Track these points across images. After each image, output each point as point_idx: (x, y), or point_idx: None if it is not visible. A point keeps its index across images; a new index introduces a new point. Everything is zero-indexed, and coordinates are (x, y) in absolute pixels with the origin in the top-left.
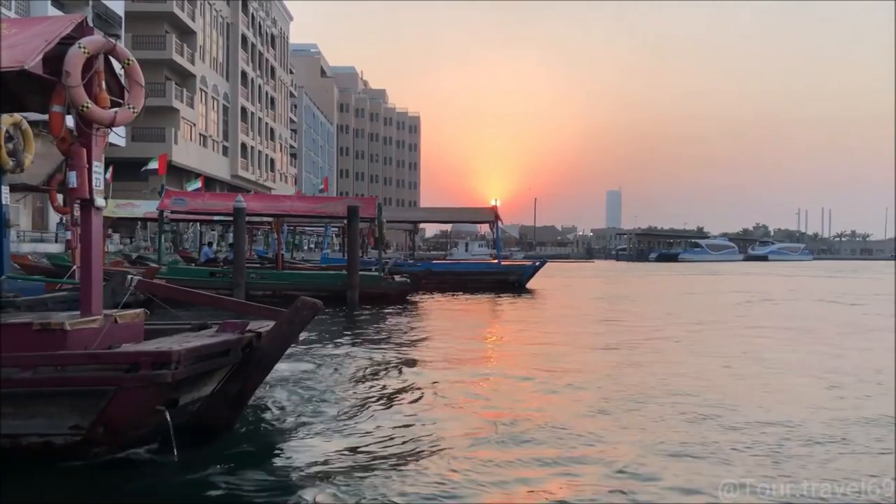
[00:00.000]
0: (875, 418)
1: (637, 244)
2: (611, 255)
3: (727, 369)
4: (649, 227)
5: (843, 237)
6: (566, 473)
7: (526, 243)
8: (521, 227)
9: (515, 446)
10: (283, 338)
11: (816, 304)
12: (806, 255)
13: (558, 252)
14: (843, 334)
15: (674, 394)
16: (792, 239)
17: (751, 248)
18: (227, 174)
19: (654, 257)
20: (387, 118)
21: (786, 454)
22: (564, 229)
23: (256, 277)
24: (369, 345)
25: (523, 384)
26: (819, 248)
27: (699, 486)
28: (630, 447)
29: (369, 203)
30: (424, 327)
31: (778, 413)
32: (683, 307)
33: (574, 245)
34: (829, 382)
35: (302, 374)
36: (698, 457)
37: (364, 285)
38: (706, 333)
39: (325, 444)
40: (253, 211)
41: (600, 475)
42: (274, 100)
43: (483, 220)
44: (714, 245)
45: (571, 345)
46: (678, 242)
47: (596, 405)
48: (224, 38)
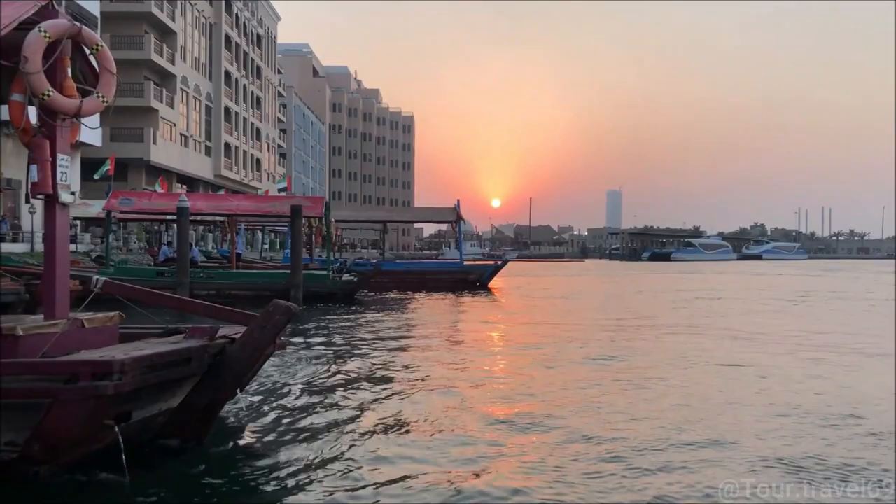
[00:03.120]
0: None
1: (630, 243)
2: (605, 254)
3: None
4: (645, 227)
5: (840, 236)
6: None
7: (522, 243)
8: (516, 226)
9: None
10: (255, 345)
11: (755, 303)
12: (801, 255)
13: (553, 251)
14: (734, 335)
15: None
16: (788, 238)
17: (745, 248)
18: (210, 174)
19: (647, 256)
20: (380, 118)
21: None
22: (561, 229)
23: (204, 277)
24: (324, 346)
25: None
26: (816, 248)
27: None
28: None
29: (316, 202)
30: (355, 326)
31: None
32: (620, 306)
33: (569, 244)
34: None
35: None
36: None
37: (309, 284)
38: (610, 333)
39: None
40: (198, 210)
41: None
42: (260, 100)
43: (445, 220)
44: (707, 244)
45: (472, 345)
46: (671, 242)
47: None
48: (206, 39)
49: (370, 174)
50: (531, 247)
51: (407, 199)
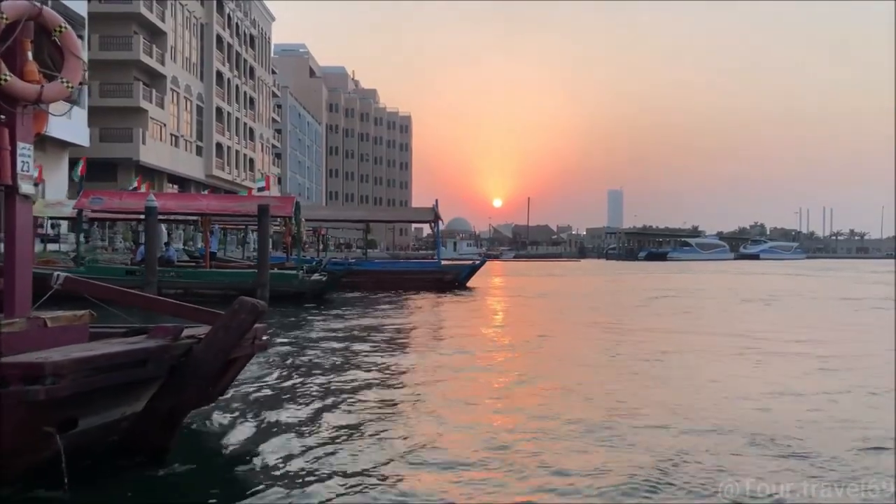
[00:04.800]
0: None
1: (627, 243)
2: (603, 254)
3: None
4: (644, 227)
5: (839, 236)
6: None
7: (520, 242)
8: (514, 226)
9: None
10: (220, 345)
11: (725, 302)
12: (799, 254)
13: (550, 251)
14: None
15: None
16: (788, 238)
17: (742, 247)
18: (202, 174)
19: (643, 256)
20: (377, 118)
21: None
22: (560, 228)
23: (174, 276)
24: (294, 346)
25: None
26: (815, 247)
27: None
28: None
29: (286, 202)
30: (320, 327)
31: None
32: (585, 306)
33: (567, 244)
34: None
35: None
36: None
37: (276, 284)
38: (564, 330)
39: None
40: (167, 210)
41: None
42: (253, 100)
43: (423, 220)
44: (704, 244)
45: (428, 345)
46: (668, 241)
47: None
48: (197, 39)
49: (367, 174)
50: (529, 247)
51: (404, 198)
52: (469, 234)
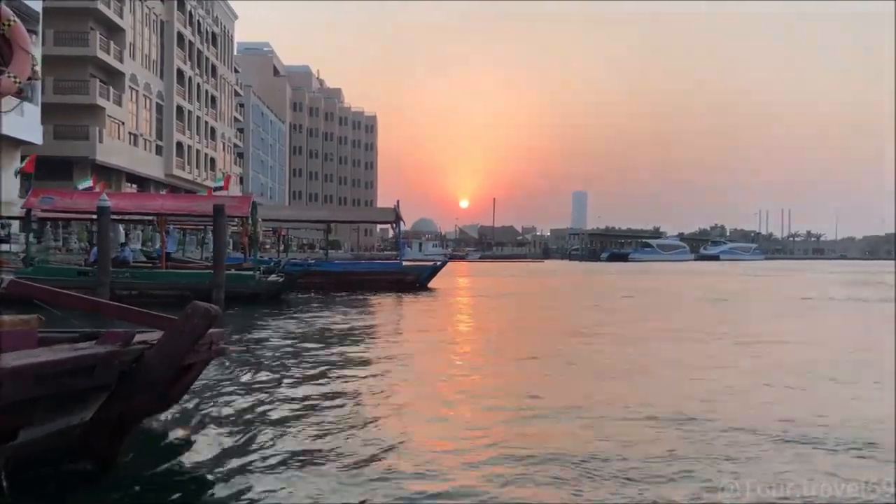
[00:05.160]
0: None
1: (590, 244)
2: (567, 254)
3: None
4: (607, 228)
5: (797, 237)
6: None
7: (485, 243)
8: (480, 227)
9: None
10: (172, 351)
11: (634, 301)
12: (757, 255)
13: (515, 252)
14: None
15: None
16: (747, 239)
17: (703, 248)
18: (162, 173)
19: (605, 257)
20: (342, 117)
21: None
22: (524, 229)
23: (128, 277)
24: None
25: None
26: (774, 248)
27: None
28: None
29: (243, 202)
30: (276, 329)
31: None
32: (538, 305)
33: (531, 245)
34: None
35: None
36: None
37: (232, 285)
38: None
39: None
40: (122, 210)
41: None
42: (215, 98)
43: (385, 221)
44: (665, 245)
45: (379, 346)
46: (630, 242)
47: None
48: (157, 36)
49: (331, 174)
50: (494, 247)
51: (369, 199)
52: (435, 234)
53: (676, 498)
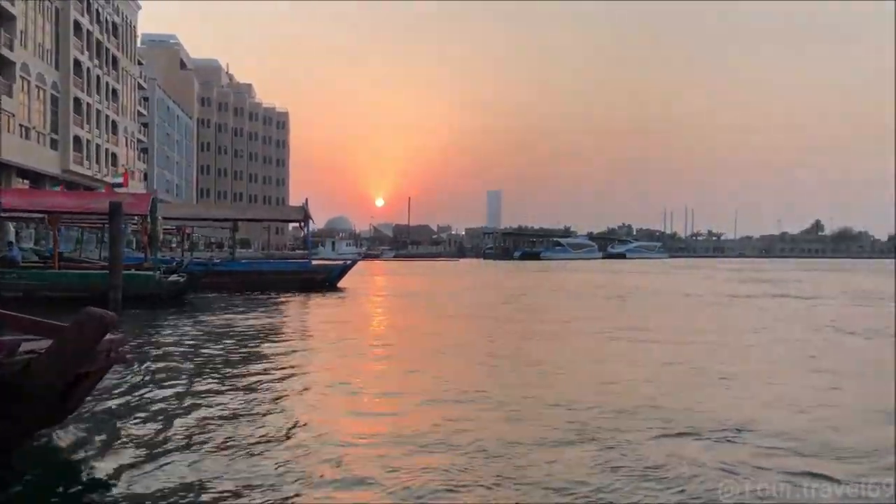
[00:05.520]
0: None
1: (503, 243)
2: (481, 253)
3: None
4: (520, 227)
5: (699, 236)
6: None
7: (401, 242)
8: (395, 226)
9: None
10: (61, 362)
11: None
12: (662, 253)
13: (430, 251)
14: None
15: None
16: (652, 238)
17: (610, 247)
18: (58, 169)
19: (518, 256)
20: (253, 113)
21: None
22: (440, 228)
23: (14, 277)
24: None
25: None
26: (677, 247)
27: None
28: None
29: (142, 200)
30: (174, 330)
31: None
32: (441, 303)
33: (447, 244)
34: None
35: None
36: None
37: (130, 286)
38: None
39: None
40: (13, 207)
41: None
42: (117, 91)
43: (293, 220)
44: (574, 244)
45: (279, 345)
46: (541, 241)
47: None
48: (52, 25)
49: (241, 171)
50: (409, 246)
51: (281, 196)
52: (350, 233)
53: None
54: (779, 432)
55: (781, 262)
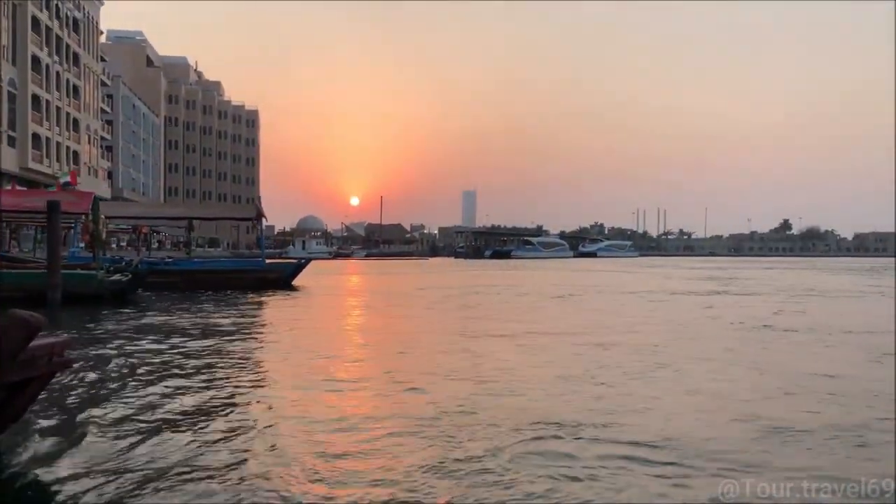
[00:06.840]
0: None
1: (474, 242)
2: (453, 252)
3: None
4: (493, 226)
5: (670, 235)
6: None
7: (373, 241)
8: (367, 225)
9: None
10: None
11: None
12: (632, 252)
13: (402, 249)
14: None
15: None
16: (624, 237)
17: (581, 246)
18: (15, 167)
19: (489, 255)
20: (222, 111)
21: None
22: (413, 227)
23: None
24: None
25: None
26: (648, 246)
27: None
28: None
29: (83, 198)
30: (115, 331)
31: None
32: (395, 303)
33: (419, 243)
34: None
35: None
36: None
37: (71, 285)
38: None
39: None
40: None
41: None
42: (78, 88)
43: (245, 218)
44: (546, 243)
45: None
46: (513, 240)
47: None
48: (8, 20)
49: (211, 169)
50: (382, 245)
51: (251, 195)
52: (322, 232)
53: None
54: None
55: (749, 261)
